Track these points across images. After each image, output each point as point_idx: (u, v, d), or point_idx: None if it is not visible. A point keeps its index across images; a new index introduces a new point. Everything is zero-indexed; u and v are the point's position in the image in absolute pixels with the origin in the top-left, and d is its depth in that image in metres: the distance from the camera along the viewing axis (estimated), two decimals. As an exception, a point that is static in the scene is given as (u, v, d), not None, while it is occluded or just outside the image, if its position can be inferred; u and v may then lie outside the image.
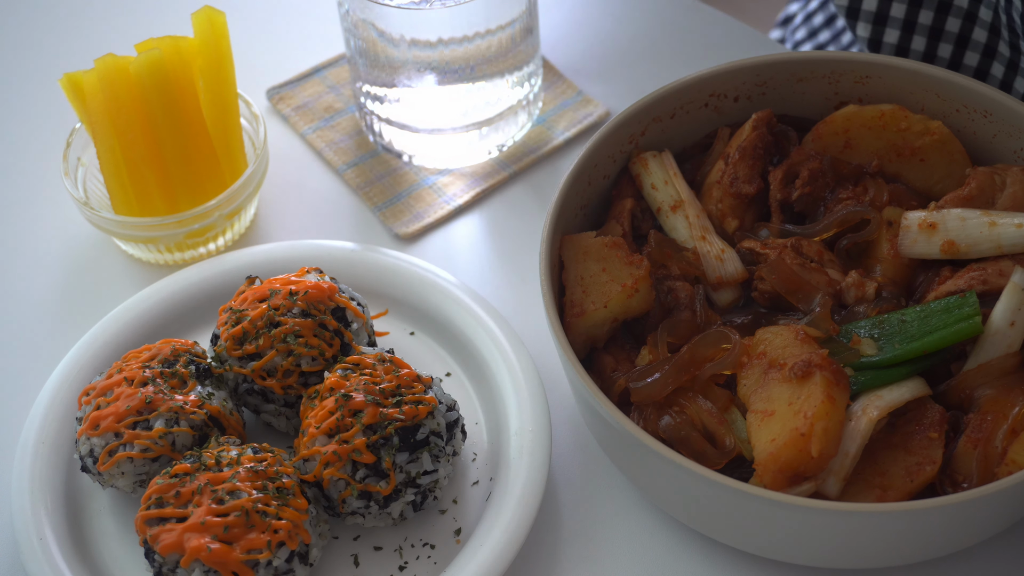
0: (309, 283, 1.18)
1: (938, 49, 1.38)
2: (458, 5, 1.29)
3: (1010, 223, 1.11)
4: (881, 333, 1.09)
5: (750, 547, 1.09)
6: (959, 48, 1.37)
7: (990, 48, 1.35)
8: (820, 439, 1.00)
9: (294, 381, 1.15)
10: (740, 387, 1.08)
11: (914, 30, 1.37)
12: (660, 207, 1.22)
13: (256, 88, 1.53)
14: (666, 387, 1.08)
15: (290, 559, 1.06)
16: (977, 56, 1.37)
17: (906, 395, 1.06)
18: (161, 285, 1.29)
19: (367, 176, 1.44)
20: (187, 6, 1.37)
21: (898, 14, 1.37)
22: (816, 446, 1.00)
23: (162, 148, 1.30)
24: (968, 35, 1.35)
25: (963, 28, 1.35)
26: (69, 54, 1.60)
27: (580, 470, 1.19)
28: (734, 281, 1.17)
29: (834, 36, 1.68)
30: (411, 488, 1.09)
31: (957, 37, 1.36)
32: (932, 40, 1.37)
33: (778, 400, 1.04)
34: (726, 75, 1.25)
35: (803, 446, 1.00)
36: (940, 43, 1.37)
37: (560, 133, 1.46)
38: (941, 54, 1.38)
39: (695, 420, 1.08)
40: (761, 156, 1.22)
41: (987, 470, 1.03)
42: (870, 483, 1.03)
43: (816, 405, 1.02)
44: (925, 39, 1.37)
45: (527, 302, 1.31)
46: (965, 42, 1.36)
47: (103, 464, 1.11)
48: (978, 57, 1.37)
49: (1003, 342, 1.07)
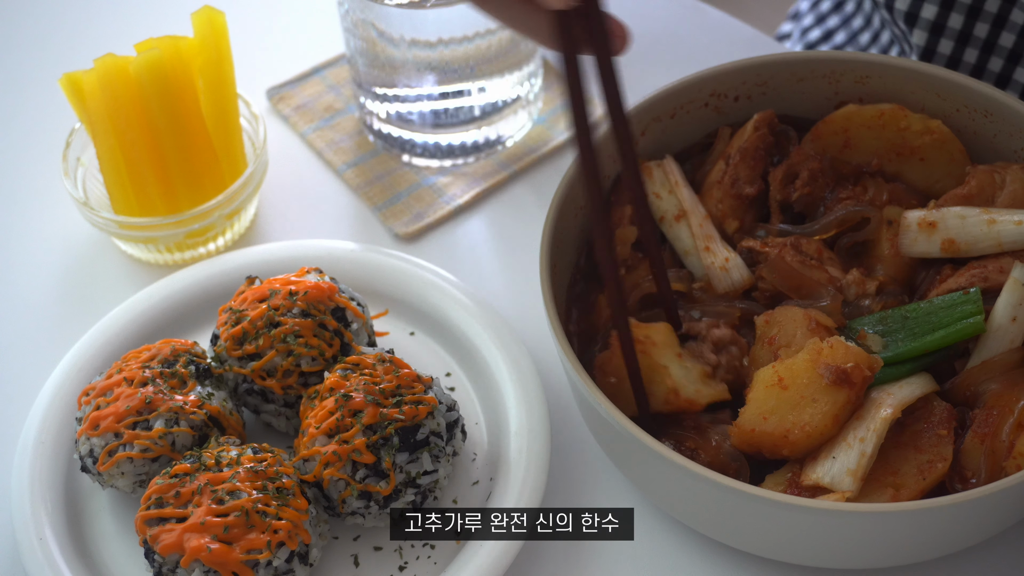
0: (309, 283, 1.18)
1: (989, 63, 1.38)
2: (458, 5, 1.29)
3: (1010, 220, 1.11)
4: (885, 329, 1.09)
5: (752, 547, 1.08)
6: (1010, 63, 1.37)
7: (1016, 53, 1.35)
8: (798, 448, 1.04)
9: (294, 381, 1.15)
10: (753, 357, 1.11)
11: (968, 42, 1.37)
12: (663, 216, 1.22)
13: (256, 88, 1.53)
14: None
15: (290, 559, 1.06)
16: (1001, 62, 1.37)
17: (917, 391, 1.06)
18: (161, 285, 1.29)
19: (367, 176, 1.44)
20: (187, 6, 1.37)
21: (956, 24, 1.37)
22: (790, 451, 1.04)
23: (162, 148, 1.30)
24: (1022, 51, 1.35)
25: (1017, 44, 1.35)
26: (69, 54, 1.60)
27: (580, 470, 1.19)
28: (741, 288, 1.17)
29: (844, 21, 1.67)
30: (411, 488, 1.09)
31: (1009, 52, 1.36)
32: (984, 53, 1.37)
33: (797, 382, 1.04)
34: (726, 75, 1.25)
35: (780, 445, 1.04)
36: (992, 56, 1.37)
37: (560, 133, 1.46)
38: (991, 67, 1.38)
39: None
40: (762, 157, 1.22)
41: (995, 464, 1.03)
42: (883, 482, 1.03)
43: (819, 423, 1.03)
44: (977, 51, 1.37)
45: (527, 302, 1.31)
46: (1018, 58, 1.36)
47: (103, 464, 1.11)
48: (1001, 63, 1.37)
49: (1005, 338, 1.07)
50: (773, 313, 1.12)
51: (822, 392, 1.04)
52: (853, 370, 1.03)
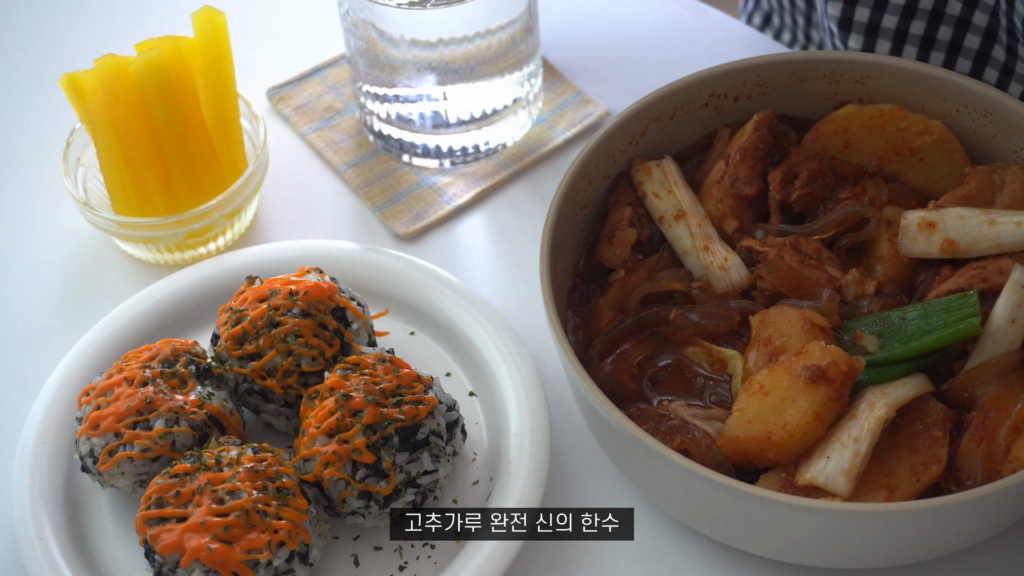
0: (309, 283, 1.18)
1: (929, 58, 1.38)
2: (458, 5, 1.29)
3: (1009, 221, 1.11)
4: (883, 330, 1.09)
5: (751, 547, 1.09)
6: (951, 56, 1.37)
7: (983, 54, 1.36)
8: (783, 450, 1.04)
9: (294, 381, 1.15)
10: (747, 362, 1.10)
11: (905, 40, 1.37)
12: (663, 216, 1.22)
13: (256, 88, 1.53)
14: None
15: (290, 559, 1.06)
16: (969, 63, 1.37)
17: (911, 392, 1.06)
18: (161, 285, 1.29)
19: (367, 176, 1.44)
20: (187, 6, 1.37)
21: (890, 25, 1.37)
22: (776, 454, 1.04)
23: (162, 148, 1.30)
24: (960, 42, 1.35)
25: (955, 36, 1.35)
26: (69, 54, 1.60)
27: (580, 470, 1.19)
28: (740, 288, 1.17)
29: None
30: (411, 488, 1.09)
31: (949, 45, 1.36)
32: (924, 49, 1.37)
33: (777, 386, 1.05)
34: (726, 75, 1.25)
35: (765, 448, 1.04)
36: (932, 52, 1.38)
37: (560, 133, 1.46)
38: (933, 63, 1.38)
39: None
40: (762, 157, 1.22)
41: (991, 467, 1.03)
42: (877, 483, 1.03)
43: (799, 421, 1.03)
44: (916, 48, 1.37)
45: (527, 302, 1.31)
46: (957, 49, 1.36)
47: (103, 464, 1.11)
48: (970, 64, 1.37)
49: (1004, 339, 1.07)
50: (768, 313, 1.12)
51: (800, 392, 1.04)
52: (829, 367, 1.04)
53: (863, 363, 1.06)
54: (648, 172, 1.23)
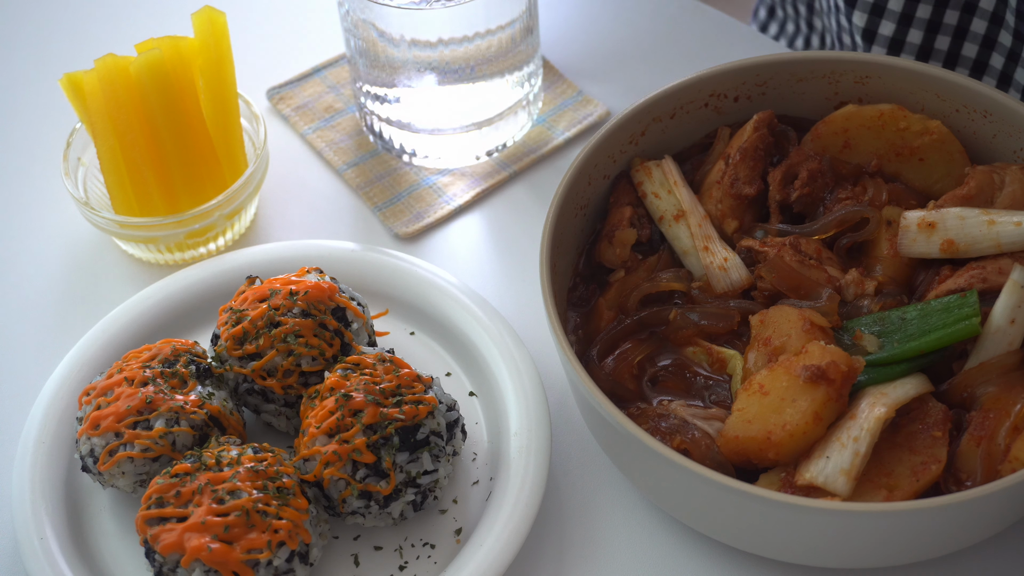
0: (309, 283, 1.18)
1: (935, 41, 1.38)
2: (458, 5, 1.29)
3: (1009, 221, 1.11)
4: (882, 330, 1.09)
5: (751, 547, 1.09)
6: (957, 40, 1.37)
7: (989, 39, 1.35)
8: (783, 450, 1.04)
9: (294, 381, 1.15)
10: (746, 362, 1.11)
11: (911, 23, 1.37)
12: (663, 216, 1.22)
13: (256, 88, 1.53)
14: None
15: (290, 559, 1.06)
16: (976, 47, 1.37)
17: (911, 392, 1.06)
18: (161, 285, 1.29)
19: (367, 176, 1.44)
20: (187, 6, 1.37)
21: (895, 7, 1.37)
22: (775, 454, 1.04)
23: (162, 148, 1.30)
24: (967, 27, 1.35)
25: (961, 20, 1.35)
26: (69, 54, 1.60)
27: (580, 470, 1.19)
28: (740, 288, 1.17)
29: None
30: (411, 488, 1.09)
31: (955, 29, 1.36)
32: (929, 32, 1.37)
33: (777, 386, 1.05)
34: (726, 75, 1.25)
35: (765, 448, 1.04)
36: (938, 35, 1.37)
37: (560, 133, 1.46)
38: (939, 46, 1.38)
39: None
40: (762, 157, 1.22)
41: (991, 468, 1.03)
42: (876, 483, 1.03)
43: (799, 421, 1.03)
44: (922, 32, 1.37)
45: (527, 302, 1.31)
46: (964, 34, 1.36)
47: (103, 464, 1.11)
48: (977, 48, 1.37)
49: (1004, 340, 1.07)
50: (768, 313, 1.12)
51: (800, 391, 1.04)
52: (829, 366, 1.04)
53: (863, 363, 1.06)
54: (648, 172, 1.23)
